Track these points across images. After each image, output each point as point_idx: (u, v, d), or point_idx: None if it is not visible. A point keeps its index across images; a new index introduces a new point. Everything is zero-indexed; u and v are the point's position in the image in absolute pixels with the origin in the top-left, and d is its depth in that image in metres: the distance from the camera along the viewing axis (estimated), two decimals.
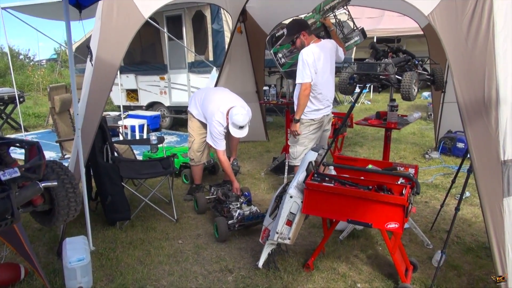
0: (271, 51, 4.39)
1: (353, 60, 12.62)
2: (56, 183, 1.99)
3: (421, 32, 11.94)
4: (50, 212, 2.16)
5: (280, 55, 4.33)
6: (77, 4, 2.88)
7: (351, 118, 5.41)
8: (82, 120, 3.16)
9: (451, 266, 3.11)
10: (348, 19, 4.66)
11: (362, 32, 4.51)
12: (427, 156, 6.12)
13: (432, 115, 7.67)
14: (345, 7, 4.39)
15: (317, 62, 3.54)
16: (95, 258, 3.23)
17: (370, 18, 14.27)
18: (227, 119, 4.09)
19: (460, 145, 6.05)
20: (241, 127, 4.09)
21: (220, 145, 4.18)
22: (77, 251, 2.87)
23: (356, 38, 4.48)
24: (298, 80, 3.57)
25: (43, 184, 1.95)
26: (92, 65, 2.94)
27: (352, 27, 4.60)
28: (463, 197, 4.42)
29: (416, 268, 3.02)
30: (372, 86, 12.17)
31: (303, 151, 3.82)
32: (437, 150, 6.23)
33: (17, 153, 4.25)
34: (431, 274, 3.01)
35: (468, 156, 3.25)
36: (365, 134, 7.79)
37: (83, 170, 3.18)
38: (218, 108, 4.13)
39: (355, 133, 7.84)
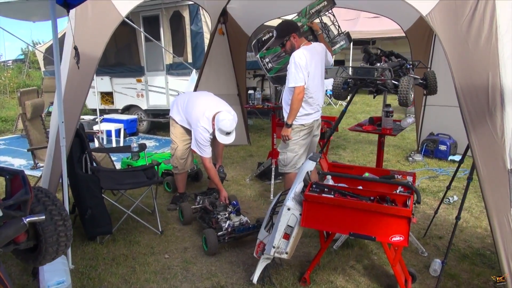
0: (258, 56, 4.24)
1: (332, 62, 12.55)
2: (43, 217, 1.72)
3: (395, 35, 12.08)
4: (36, 249, 1.88)
5: (266, 59, 4.19)
6: (64, 3, 2.62)
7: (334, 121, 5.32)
8: (56, 127, 2.92)
9: (449, 275, 3.04)
10: (333, 23, 4.57)
11: (348, 36, 4.45)
12: (410, 159, 6.12)
13: (411, 117, 7.74)
14: (330, 11, 4.31)
15: (309, 65, 3.42)
16: (75, 278, 2.99)
17: (345, 20, 14.36)
18: (213, 124, 3.91)
19: (443, 147, 6.09)
20: (228, 133, 3.91)
21: (206, 152, 3.99)
22: (55, 273, 2.64)
23: (342, 42, 4.41)
24: (291, 84, 3.43)
25: (28, 219, 1.67)
26: (78, 67, 2.70)
27: (337, 31, 4.53)
28: (451, 201, 4.44)
29: (415, 278, 2.93)
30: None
31: (294, 158, 3.69)
32: (420, 153, 6.24)
33: None
34: (430, 284, 2.94)
35: (459, 160, 3.24)
36: (347, 137, 7.76)
37: (65, 181, 2.94)
38: (203, 113, 3.94)
39: (337, 135, 7.79)
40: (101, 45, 2.98)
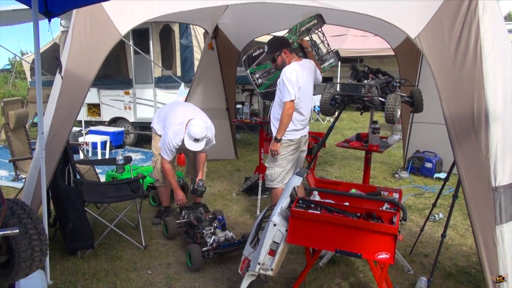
0: (248, 71, 4.24)
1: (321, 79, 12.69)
2: (17, 231, 1.64)
3: (383, 53, 12.24)
4: (8, 264, 1.79)
5: (257, 75, 4.20)
6: (46, 11, 2.60)
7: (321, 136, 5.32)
8: (45, 139, 2.87)
9: None
10: (323, 41, 4.62)
11: (337, 54, 4.49)
12: (396, 176, 6.15)
13: (398, 134, 7.80)
14: (319, 30, 4.36)
15: (300, 80, 3.43)
16: None
17: (334, 36, 14.56)
18: (185, 130, 3.90)
19: (428, 165, 6.13)
20: (196, 140, 3.87)
21: (168, 156, 3.95)
22: None
23: (331, 60, 4.45)
24: (283, 99, 3.41)
25: (0, 233, 1.60)
26: (61, 77, 2.67)
27: (326, 49, 4.57)
28: (437, 219, 4.45)
29: None
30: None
31: (281, 173, 3.66)
32: (406, 170, 6.28)
33: None
34: None
35: (444, 178, 3.26)
36: (334, 153, 7.78)
37: (44, 194, 2.87)
38: (178, 119, 3.96)
39: (324, 151, 7.81)
40: (97, 62, 2.97)
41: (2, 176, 5.97)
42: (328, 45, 4.62)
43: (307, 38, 4.22)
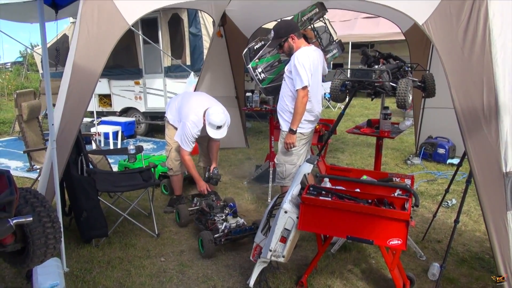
0: (249, 66, 4.13)
1: (331, 64, 12.53)
2: (31, 219, 1.68)
3: (394, 38, 12.04)
4: (23, 252, 1.84)
5: (259, 69, 4.08)
6: (53, 3, 2.61)
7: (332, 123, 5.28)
8: (57, 130, 2.90)
9: (448, 279, 3.02)
10: (326, 31, 4.51)
11: (340, 44, 4.40)
12: (409, 162, 6.10)
13: (410, 120, 7.71)
14: (321, 19, 4.26)
15: (312, 66, 3.29)
16: (69, 281, 2.95)
17: (342, 21, 14.36)
18: (204, 120, 3.91)
19: (441, 150, 6.06)
20: (219, 127, 3.90)
21: (188, 146, 3.98)
22: (49, 276, 2.60)
23: (334, 51, 4.35)
24: (297, 86, 3.26)
25: (14, 221, 1.63)
26: (56, 69, 2.69)
27: (329, 39, 4.47)
28: (450, 205, 4.41)
29: (413, 283, 2.90)
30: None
31: (293, 170, 3.55)
32: (418, 156, 6.22)
33: None
34: None
35: (457, 163, 3.22)
36: (345, 140, 7.74)
37: (57, 184, 2.91)
38: (195, 109, 3.97)
39: (335, 138, 7.77)
40: (105, 53, 2.96)
41: (18, 166, 6.08)
42: (330, 35, 4.52)
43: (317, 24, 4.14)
